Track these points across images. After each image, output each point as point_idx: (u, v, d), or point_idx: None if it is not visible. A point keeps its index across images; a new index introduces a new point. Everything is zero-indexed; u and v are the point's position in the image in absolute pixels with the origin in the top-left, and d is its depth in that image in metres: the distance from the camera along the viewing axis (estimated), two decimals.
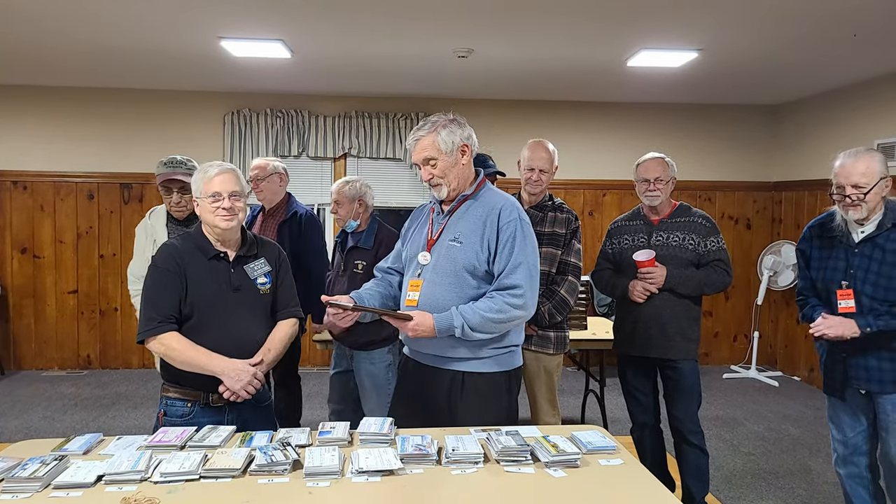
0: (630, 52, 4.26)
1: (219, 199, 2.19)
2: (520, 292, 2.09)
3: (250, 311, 2.27)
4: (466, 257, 2.14)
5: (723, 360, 6.42)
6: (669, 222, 3.00)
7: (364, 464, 1.83)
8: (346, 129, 5.96)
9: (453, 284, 2.15)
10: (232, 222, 2.22)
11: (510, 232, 2.12)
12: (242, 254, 2.30)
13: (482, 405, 2.17)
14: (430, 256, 2.21)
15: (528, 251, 2.13)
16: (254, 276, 2.29)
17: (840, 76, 5.00)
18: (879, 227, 2.42)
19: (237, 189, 2.23)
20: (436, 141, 2.14)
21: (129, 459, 1.85)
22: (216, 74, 5.17)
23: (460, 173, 2.19)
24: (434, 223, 2.27)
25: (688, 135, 6.25)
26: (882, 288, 2.39)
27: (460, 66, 4.70)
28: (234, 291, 2.25)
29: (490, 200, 2.20)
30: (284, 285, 2.38)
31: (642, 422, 3.12)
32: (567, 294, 2.90)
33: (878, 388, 2.44)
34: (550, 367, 2.97)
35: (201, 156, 5.99)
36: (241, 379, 2.17)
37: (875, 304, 2.39)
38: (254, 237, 2.38)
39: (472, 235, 2.15)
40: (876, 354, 2.43)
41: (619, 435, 4.05)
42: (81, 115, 5.91)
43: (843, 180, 2.41)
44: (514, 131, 6.03)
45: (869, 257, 2.43)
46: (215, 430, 2.13)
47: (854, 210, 2.40)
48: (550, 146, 2.99)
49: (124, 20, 3.74)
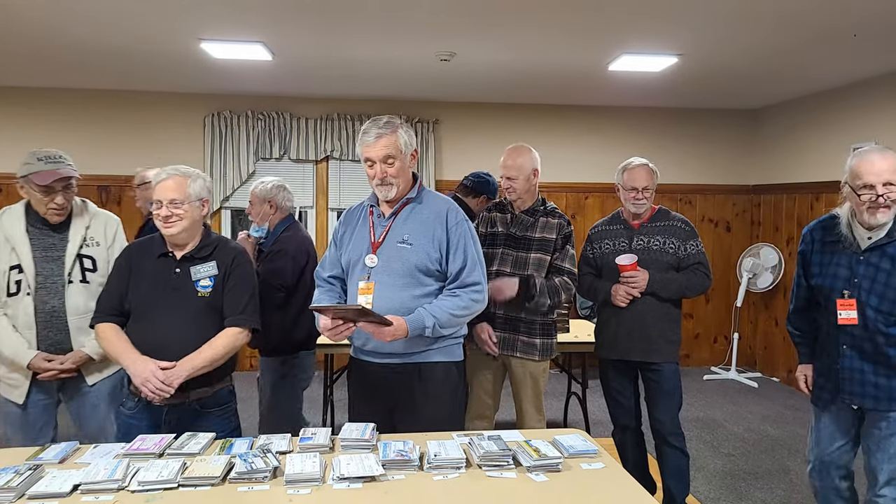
0: (611, 56, 4.30)
1: (159, 207, 2.24)
2: (480, 288, 2.24)
3: (184, 312, 2.23)
4: (418, 258, 2.20)
5: (703, 362, 6.49)
6: (650, 227, 3.02)
7: (345, 470, 1.81)
8: (329, 132, 5.93)
9: (407, 284, 2.19)
10: (172, 229, 2.24)
11: (460, 233, 2.22)
12: (191, 255, 2.29)
13: (440, 393, 2.25)
14: (376, 258, 2.22)
15: (478, 248, 2.27)
16: (196, 278, 2.27)
17: (818, 81, 5.09)
18: (889, 235, 2.25)
19: (177, 197, 2.24)
20: (397, 140, 2.19)
21: (105, 468, 1.82)
22: (196, 76, 5.12)
23: (407, 175, 2.26)
24: (376, 225, 2.28)
25: (669, 138, 6.32)
26: (889, 300, 2.24)
27: (443, 69, 4.71)
28: (173, 291, 2.24)
29: (434, 203, 2.28)
30: (234, 291, 2.30)
31: (624, 424, 3.14)
32: (561, 286, 2.84)
33: (871, 405, 2.32)
34: (536, 373, 2.97)
35: (181, 159, 5.91)
36: (138, 375, 2.14)
37: (880, 316, 2.25)
38: (217, 239, 2.36)
39: (422, 237, 2.21)
40: (872, 369, 2.31)
41: (601, 437, 4.10)
42: (58, 117, 5.81)
43: (873, 178, 2.18)
44: (496, 134, 6.05)
45: (876, 266, 2.26)
46: (194, 437, 2.11)
47: (883, 213, 2.20)
48: (524, 151, 2.93)
49: (101, 19, 3.69)
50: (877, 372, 2.30)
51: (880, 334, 2.27)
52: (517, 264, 2.89)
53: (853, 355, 2.33)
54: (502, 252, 2.92)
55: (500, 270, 2.89)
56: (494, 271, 2.90)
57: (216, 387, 2.33)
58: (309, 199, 6.08)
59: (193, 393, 2.26)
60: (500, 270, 2.89)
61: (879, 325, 2.27)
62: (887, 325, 2.26)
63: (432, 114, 6.05)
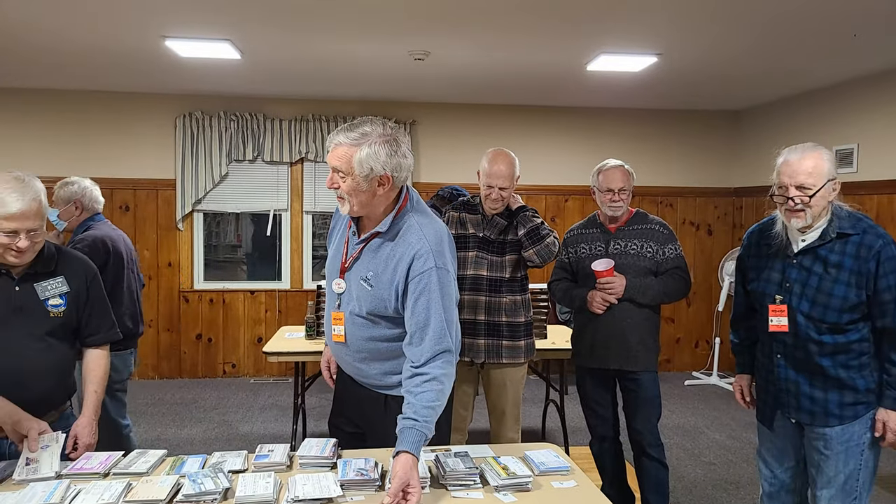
0: (589, 55, 4.22)
1: (13, 237, 1.90)
2: (449, 357, 1.85)
3: (33, 334, 2.00)
4: (374, 303, 1.91)
5: (685, 367, 6.43)
6: (627, 230, 2.93)
7: (301, 491, 1.70)
8: (303, 133, 5.80)
9: (366, 325, 1.95)
10: (25, 258, 1.96)
11: (424, 284, 1.82)
12: (34, 271, 2.02)
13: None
14: (344, 285, 1.99)
15: (448, 304, 1.86)
16: (44, 297, 2.03)
17: (800, 83, 5.05)
18: (823, 237, 2.10)
19: (37, 225, 1.93)
20: (353, 158, 1.79)
21: (43, 491, 1.71)
22: (165, 76, 4.97)
23: (370, 201, 1.86)
24: (350, 243, 2.01)
25: (649, 140, 6.26)
26: (820, 306, 2.08)
27: (418, 70, 4.60)
28: (15, 312, 1.98)
29: (405, 241, 1.87)
30: (94, 307, 2.14)
31: (601, 435, 3.04)
32: (549, 232, 2.81)
33: (808, 420, 2.14)
34: (516, 380, 2.89)
35: (153, 160, 5.85)
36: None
37: (811, 323, 2.09)
38: (56, 251, 2.10)
39: (383, 278, 1.89)
40: (807, 380, 2.13)
41: (579, 445, 4.01)
42: (27, 119, 5.62)
43: (786, 179, 2.09)
44: (475, 136, 5.97)
45: (808, 270, 2.11)
46: (144, 454, 2.00)
47: (797, 217, 2.08)
48: (511, 158, 2.85)
49: (60, 16, 3.54)
50: (812, 384, 2.13)
51: (812, 342, 2.10)
52: (493, 267, 2.82)
53: (787, 365, 2.17)
54: (477, 255, 2.83)
55: (477, 274, 2.80)
56: (470, 275, 2.81)
57: (62, 409, 2.14)
58: (283, 201, 5.93)
59: (45, 418, 2.02)
60: (476, 275, 2.80)
61: (811, 333, 2.10)
62: (819, 332, 2.09)
63: (409, 115, 5.94)
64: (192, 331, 5.95)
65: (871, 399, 2.10)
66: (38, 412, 2.00)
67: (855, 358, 2.10)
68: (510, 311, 2.83)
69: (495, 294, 2.83)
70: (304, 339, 3.84)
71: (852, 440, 2.10)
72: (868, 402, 2.10)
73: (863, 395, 2.10)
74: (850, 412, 2.10)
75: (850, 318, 2.07)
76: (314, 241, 6.07)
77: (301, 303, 5.91)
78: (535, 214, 2.84)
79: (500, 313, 2.83)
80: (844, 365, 2.09)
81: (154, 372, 5.93)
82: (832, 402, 2.11)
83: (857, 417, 2.10)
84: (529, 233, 2.77)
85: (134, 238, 5.81)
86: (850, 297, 2.05)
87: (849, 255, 2.07)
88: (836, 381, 2.10)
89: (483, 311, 2.81)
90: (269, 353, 3.65)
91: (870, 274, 2.04)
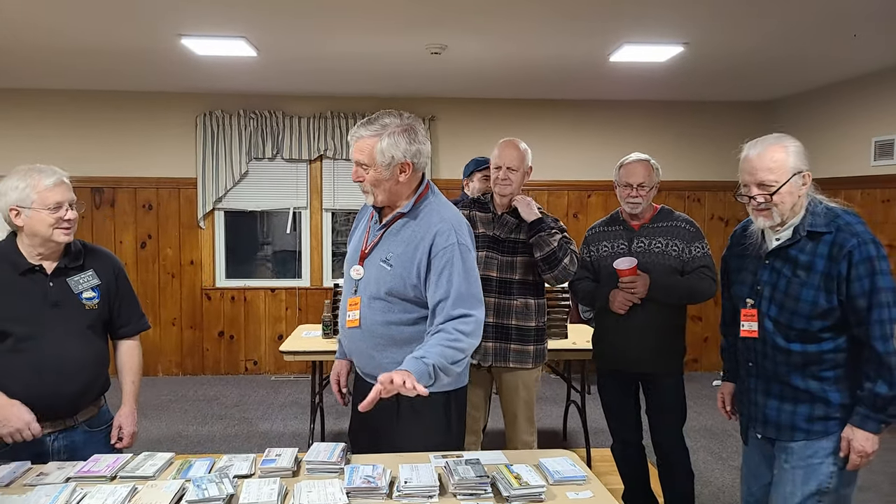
0: (612, 46, 4.09)
1: (60, 210, 2.01)
2: (470, 320, 1.90)
3: (72, 328, 2.07)
4: (393, 282, 1.95)
5: (712, 367, 6.25)
6: (651, 227, 2.82)
7: (305, 499, 1.66)
8: (322, 131, 5.76)
9: (383, 308, 1.98)
10: (70, 236, 2.07)
11: (446, 259, 1.90)
12: (64, 265, 2.09)
13: (418, 423, 2.01)
14: (362, 271, 2.04)
15: (471, 277, 1.94)
16: (78, 290, 2.09)
17: (837, 70, 4.81)
18: (795, 235, 1.92)
19: (74, 198, 2.06)
20: (374, 149, 1.91)
21: (47, 495, 1.69)
22: (185, 74, 4.97)
23: (393, 189, 1.97)
24: (371, 232, 2.08)
25: (675, 132, 6.08)
26: (788, 311, 1.90)
27: (436, 64, 4.52)
28: (53, 307, 2.04)
29: (427, 221, 1.97)
30: (124, 299, 2.22)
31: (623, 439, 2.94)
32: (573, 255, 2.66)
33: (774, 434, 1.98)
34: (529, 383, 2.79)
35: (175, 159, 5.88)
36: (7, 424, 1.95)
37: (780, 329, 1.92)
38: (81, 246, 2.17)
39: (404, 258, 1.95)
40: (778, 391, 1.96)
41: (601, 447, 3.91)
42: (51, 118, 5.68)
43: (746, 177, 1.92)
44: (495, 131, 5.82)
45: (779, 272, 1.94)
46: (152, 457, 1.98)
47: (763, 216, 1.91)
48: (523, 145, 2.80)
49: (79, 18, 3.54)
50: (782, 395, 1.95)
51: (779, 350, 1.94)
52: (503, 268, 2.72)
53: (757, 374, 2.01)
54: (486, 255, 2.74)
55: (487, 275, 2.71)
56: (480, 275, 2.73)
57: (99, 403, 2.20)
58: (303, 199, 5.91)
59: (81, 414, 2.12)
60: (486, 275, 2.72)
61: (778, 340, 1.93)
62: (787, 339, 1.92)
63: (428, 110, 5.87)
64: (214, 328, 5.97)
65: (845, 416, 1.89)
66: (78, 406, 2.10)
67: (829, 369, 1.90)
68: (521, 315, 2.72)
69: (505, 296, 2.73)
70: (321, 337, 3.81)
71: (816, 457, 1.90)
72: (841, 419, 1.90)
73: (835, 409, 1.90)
74: (820, 427, 1.91)
75: (823, 326, 1.87)
76: (334, 239, 6.04)
77: (320, 301, 5.89)
78: (551, 232, 2.64)
79: (510, 316, 2.72)
80: (816, 376, 1.90)
81: (178, 368, 5.97)
82: (800, 416, 1.92)
83: (827, 434, 1.90)
84: (546, 258, 2.63)
85: (157, 236, 5.86)
86: (819, 301, 1.86)
87: (820, 256, 1.88)
88: (806, 394, 1.92)
89: (491, 313, 2.70)
90: (286, 352, 3.62)
91: (840, 277, 1.84)
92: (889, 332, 1.81)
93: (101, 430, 2.18)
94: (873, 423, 1.84)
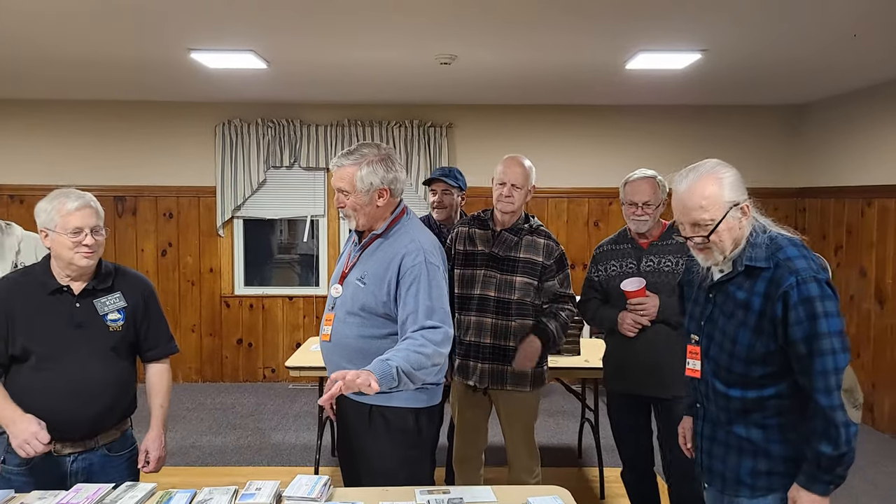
0: (627, 54, 3.96)
1: (79, 234, 2.01)
2: (438, 331, 1.99)
3: (95, 350, 2.06)
4: (366, 298, 2.08)
5: None
6: (660, 245, 2.71)
7: None
8: (339, 139, 5.74)
9: (355, 323, 2.10)
10: (93, 259, 2.05)
11: (413, 276, 2.02)
12: (92, 287, 2.09)
13: (388, 438, 2.09)
14: (341, 290, 2.16)
15: (436, 294, 2.03)
16: (103, 312, 2.09)
17: (870, 74, 4.57)
18: (734, 268, 1.73)
19: (99, 223, 2.06)
20: (354, 177, 2.07)
21: None
22: (202, 85, 5.00)
23: (372, 213, 2.12)
24: (351, 253, 2.23)
25: (697, 138, 5.88)
26: (726, 353, 1.72)
27: (451, 72, 4.44)
28: (77, 328, 2.04)
29: (399, 242, 2.11)
30: (151, 321, 2.21)
31: (634, 465, 2.83)
32: (569, 319, 2.73)
33: (720, 486, 1.81)
34: (528, 407, 2.71)
35: (195, 168, 5.93)
36: (17, 436, 1.95)
37: (720, 371, 1.75)
38: (113, 269, 2.18)
39: (376, 276, 2.08)
40: (724, 439, 1.78)
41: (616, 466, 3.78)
42: (76, 128, 5.79)
43: (679, 216, 1.74)
44: (512, 137, 5.74)
45: (721, 308, 1.76)
46: (133, 488, 1.96)
47: (704, 255, 1.74)
48: (527, 162, 2.74)
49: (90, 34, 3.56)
50: (727, 443, 1.77)
51: (719, 395, 1.76)
52: (502, 288, 2.64)
53: (704, 417, 1.83)
54: (484, 274, 2.66)
55: (484, 295, 2.63)
56: (478, 295, 2.66)
57: (122, 428, 2.18)
58: (320, 207, 5.90)
59: (102, 437, 2.10)
60: (483, 295, 2.64)
61: (717, 383, 1.76)
62: (727, 384, 1.74)
63: (445, 118, 5.79)
64: (233, 335, 6.00)
65: (789, 470, 1.70)
66: (98, 428, 2.09)
67: (772, 416, 1.71)
68: (519, 336, 2.64)
69: (503, 317, 2.65)
70: None
71: None
72: (785, 473, 1.71)
73: (778, 462, 1.71)
74: (763, 482, 1.73)
75: (764, 372, 1.68)
76: None
77: None
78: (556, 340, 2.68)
79: (508, 337, 2.64)
80: (759, 423, 1.72)
81: (198, 375, 6.02)
82: (744, 469, 1.75)
83: (771, 491, 1.72)
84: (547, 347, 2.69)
85: (177, 244, 5.92)
86: (756, 346, 1.67)
87: (757, 294, 1.68)
88: (749, 443, 1.74)
89: (489, 334, 2.64)
90: (291, 368, 3.61)
91: (777, 319, 1.63)
92: (833, 384, 1.59)
93: (122, 455, 2.17)
94: (820, 484, 1.63)
